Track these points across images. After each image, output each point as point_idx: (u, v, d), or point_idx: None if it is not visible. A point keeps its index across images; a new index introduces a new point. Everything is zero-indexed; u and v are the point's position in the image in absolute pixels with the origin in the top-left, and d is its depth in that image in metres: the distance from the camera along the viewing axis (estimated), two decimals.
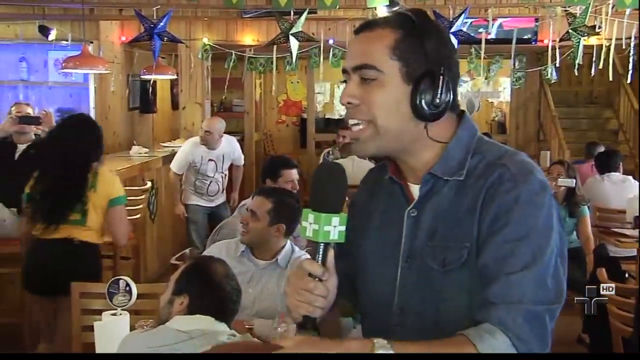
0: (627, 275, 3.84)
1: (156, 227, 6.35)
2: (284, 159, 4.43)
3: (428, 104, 1.23)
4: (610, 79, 6.29)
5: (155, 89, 8.87)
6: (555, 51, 6.06)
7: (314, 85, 10.35)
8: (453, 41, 5.11)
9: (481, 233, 1.20)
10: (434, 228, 1.25)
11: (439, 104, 1.23)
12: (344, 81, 1.30)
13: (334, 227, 1.19)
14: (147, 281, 5.46)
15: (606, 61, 5.98)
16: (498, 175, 1.21)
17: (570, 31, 5.54)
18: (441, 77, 1.22)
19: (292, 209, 2.99)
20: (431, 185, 1.27)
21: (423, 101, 1.23)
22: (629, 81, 6.93)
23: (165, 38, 5.22)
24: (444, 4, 5.67)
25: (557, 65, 6.33)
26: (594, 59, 6.07)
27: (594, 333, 3.95)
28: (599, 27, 5.70)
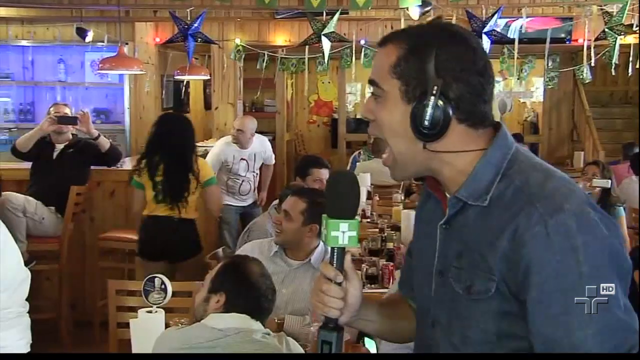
0: None
1: None
2: (316, 159, 4.49)
3: (420, 124, 1.17)
4: None
5: (188, 90, 8.98)
6: (590, 51, 5.97)
7: (345, 85, 10.34)
8: (485, 42, 5.16)
9: (516, 279, 1.13)
10: (461, 249, 1.21)
11: (434, 123, 1.17)
12: None
13: (343, 233, 1.21)
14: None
15: None
16: (525, 215, 1.11)
17: (606, 30, 5.45)
18: (432, 97, 1.16)
19: None
20: (458, 207, 1.23)
21: (418, 121, 1.18)
22: None
23: (199, 39, 5.25)
24: (477, 4, 5.61)
25: (592, 64, 6.23)
26: (631, 58, 5.96)
27: None
28: (637, 26, 5.59)
